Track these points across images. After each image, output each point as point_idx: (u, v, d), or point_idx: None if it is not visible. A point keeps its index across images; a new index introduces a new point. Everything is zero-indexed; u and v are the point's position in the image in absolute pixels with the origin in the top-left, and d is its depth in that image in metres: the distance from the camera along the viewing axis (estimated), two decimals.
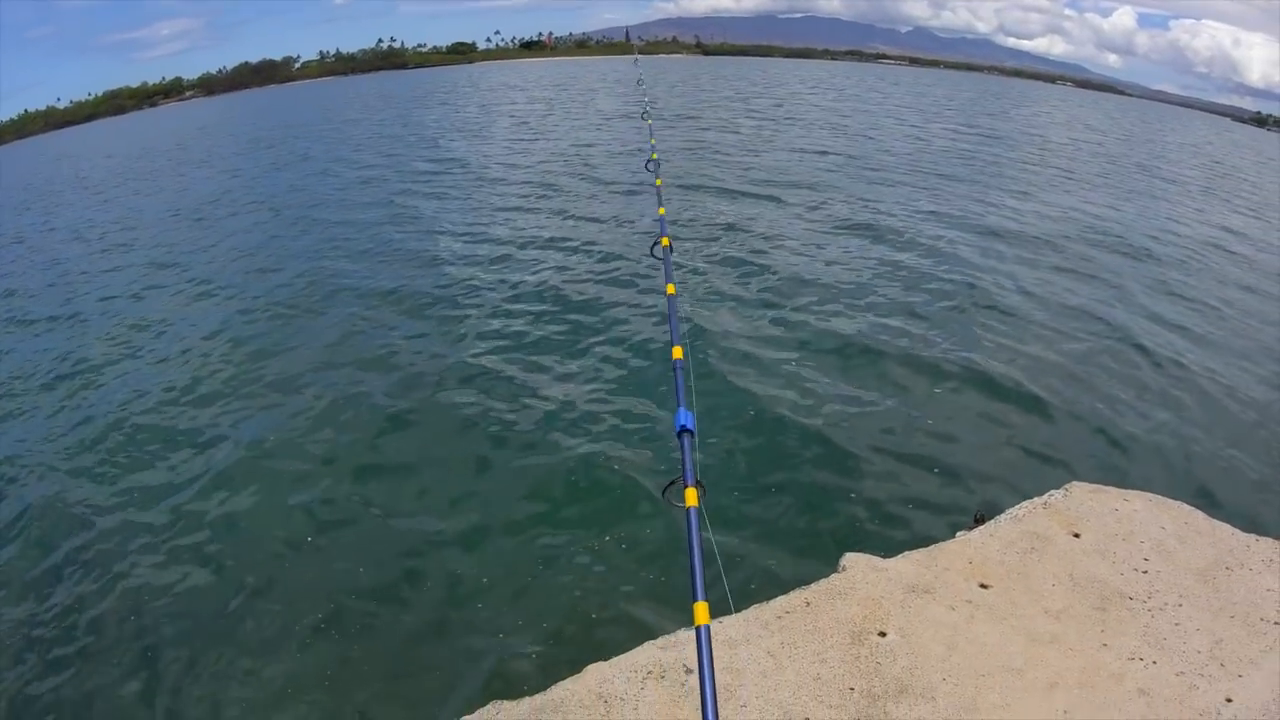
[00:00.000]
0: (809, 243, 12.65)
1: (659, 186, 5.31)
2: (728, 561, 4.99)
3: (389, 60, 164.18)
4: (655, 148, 6.25)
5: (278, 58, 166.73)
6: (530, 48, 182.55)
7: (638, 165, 19.17)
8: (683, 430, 2.39)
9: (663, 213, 4.74)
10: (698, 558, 2.00)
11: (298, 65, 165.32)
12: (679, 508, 2.17)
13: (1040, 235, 13.80)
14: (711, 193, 16.25)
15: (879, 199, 16.25)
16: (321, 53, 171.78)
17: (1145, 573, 3.56)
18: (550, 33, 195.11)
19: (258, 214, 17.72)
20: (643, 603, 4.76)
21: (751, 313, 9.46)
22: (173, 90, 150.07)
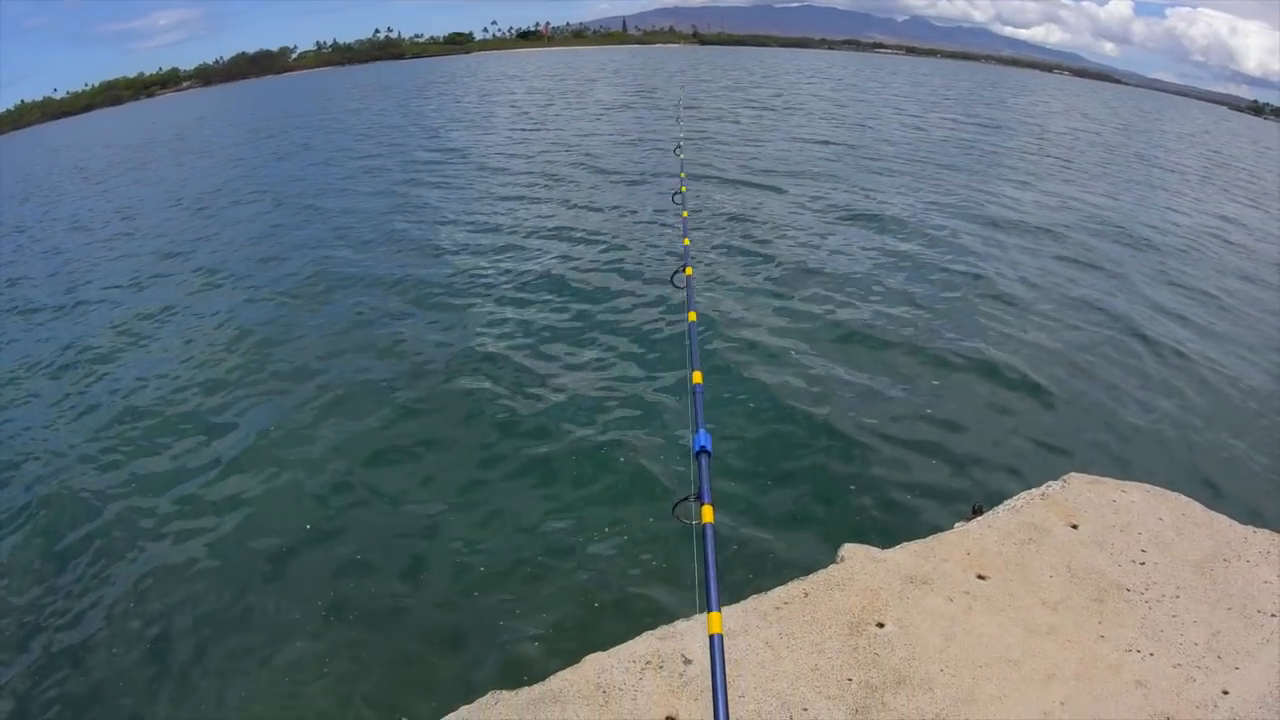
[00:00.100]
0: (811, 232, 12.66)
1: (685, 218, 5.34)
2: (726, 553, 5.01)
3: (386, 50, 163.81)
4: (684, 181, 6.28)
5: (274, 48, 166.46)
6: (527, 38, 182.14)
7: (641, 155, 19.21)
8: (701, 451, 2.47)
9: (688, 243, 4.79)
10: (712, 571, 2.04)
11: (294, 56, 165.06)
12: (690, 524, 2.24)
13: (1040, 224, 13.81)
14: (714, 183, 16.25)
15: (880, 189, 16.25)
16: (318, 43, 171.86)
17: (1143, 564, 3.57)
18: (547, 23, 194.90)
19: (260, 204, 17.66)
20: (642, 594, 4.77)
21: (754, 301, 9.48)
22: (169, 81, 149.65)
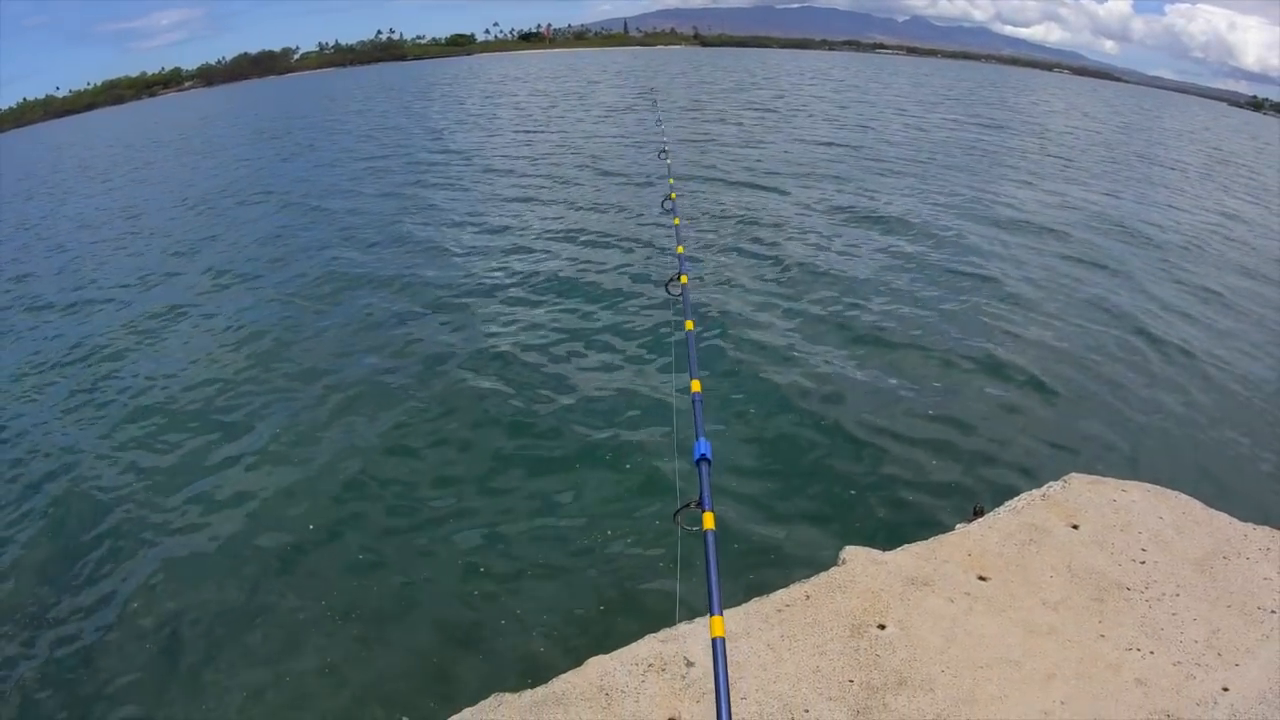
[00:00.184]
0: (816, 233, 12.71)
1: (677, 225, 5.36)
2: (729, 555, 5.03)
3: (388, 52, 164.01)
4: (674, 187, 6.30)
5: (276, 49, 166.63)
6: (529, 39, 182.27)
7: (646, 158, 19.17)
8: (701, 459, 2.52)
9: (681, 251, 4.81)
10: (714, 576, 2.08)
11: (296, 56, 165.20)
12: (692, 531, 2.29)
13: (1043, 223, 13.85)
14: (718, 184, 16.29)
15: (883, 189, 16.30)
16: (320, 44, 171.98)
17: (1143, 563, 3.58)
18: (549, 24, 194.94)
19: (266, 204, 17.71)
20: (644, 596, 4.79)
21: (759, 301, 9.52)
22: (172, 80, 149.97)
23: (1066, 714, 2.85)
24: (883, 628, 3.26)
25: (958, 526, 4.01)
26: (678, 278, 4.24)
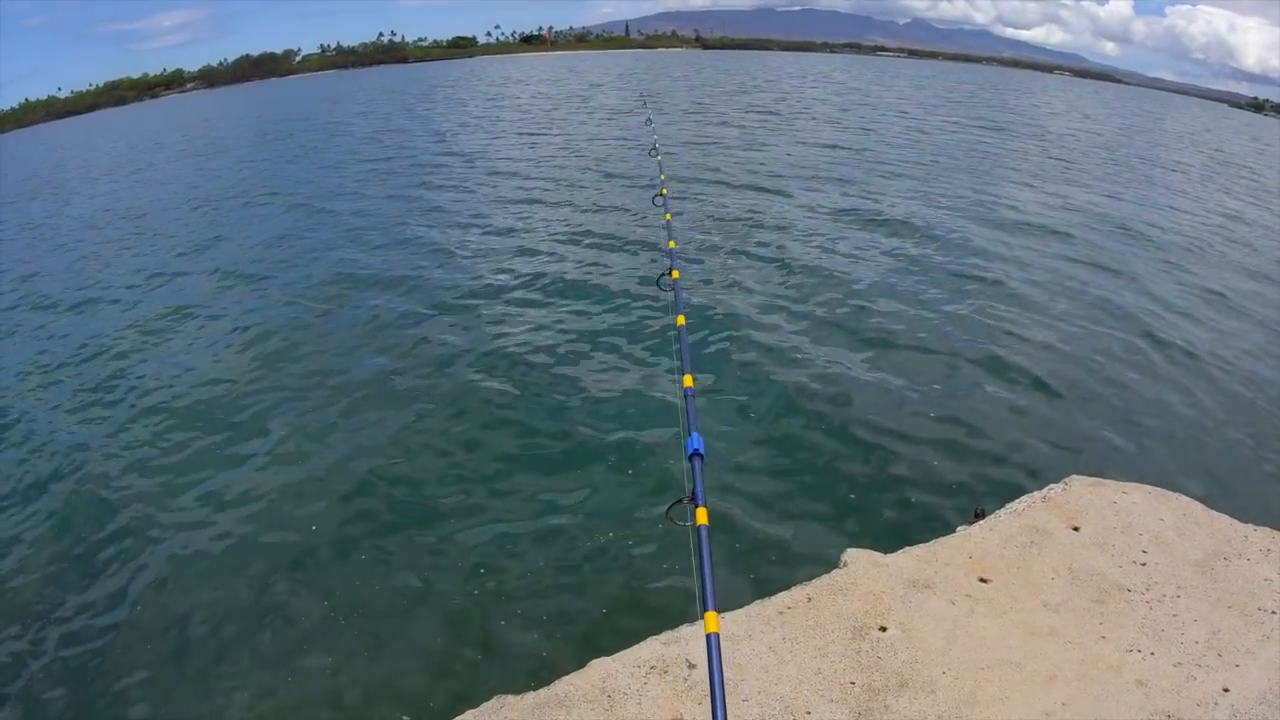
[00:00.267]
0: (818, 234, 12.76)
1: (668, 221, 5.38)
2: (731, 556, 5.04)
3: (389, 54, 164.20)
4: (665, 183, 6.32)
5: (278, 50, 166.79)
6: (530, 42, 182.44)
7: (650, 161, 19.17)
8: (694, 454, 2.51)
9: (673, 246, 4.83)
10: (708, 572, 2.08)
11: (298, 58, 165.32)
12: (685, 526, 2.29)
13: (1044, 225, 13.88)
14: (722, 187, 16.32)
15: (886, 191, 16.34)
16: (322, 46, 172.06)
17: (1144, 565, 3.59)
18: (550, 27, 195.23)
19: (271, 205, 17.73)
20: (646, 598, 4.79)
21: (762, 301, 9.55)
22: (174, 82, 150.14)
23: (1067, 715, 2.86)
24: (884, 630, 3.27)
25: (959, 529, 4.03)
26: (669, 273, 4.26)
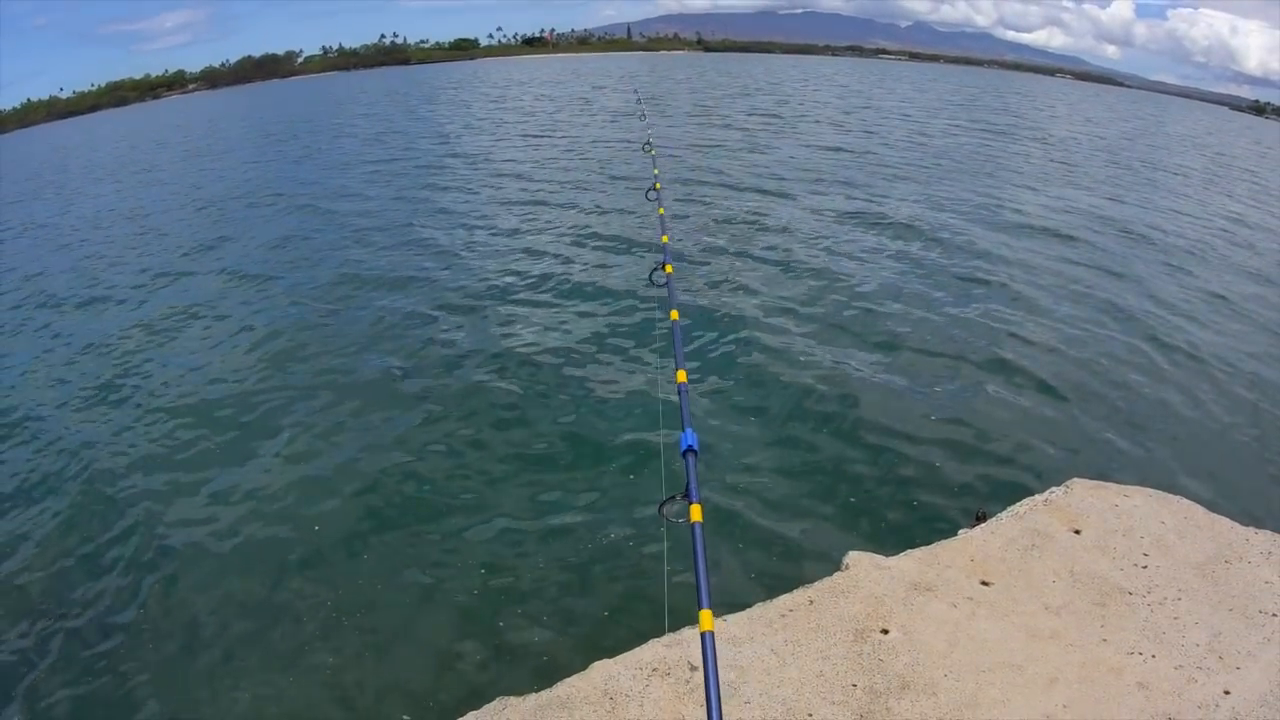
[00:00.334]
0: (823, 236, 12.81)
1: (662, 215, 5.38)
2: (732, 557, 5.05)
3: (392, 56, 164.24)
4: (658, 177, 6.33)
5: (280, 52, 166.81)
6: (532, 44, 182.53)
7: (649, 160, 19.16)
8: (688, 450, 2.48)
9: (666, 240, 4.83)
10: (703, 568, 2.06)
11: (300, 60, 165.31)
12: (677, 524, 2.26)
13: (1047, 227, 13.91)
14: (726, 189, 16.36)
15: (889, 194, 16.38)
16: (324, 47, 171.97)
17: (1145, 568, 3.60)
18: (552, 29, 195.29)
19: (276, 206, 17.75)
20: (648, 600, 4.79)
21: (766, 304, 9.59)
22: (175, 83, 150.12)
23: (1069, 717, 2.87)
24: (886, 632, 3.28)
25: (961, 531, 4.04)
26: (662, 267, 4.25)
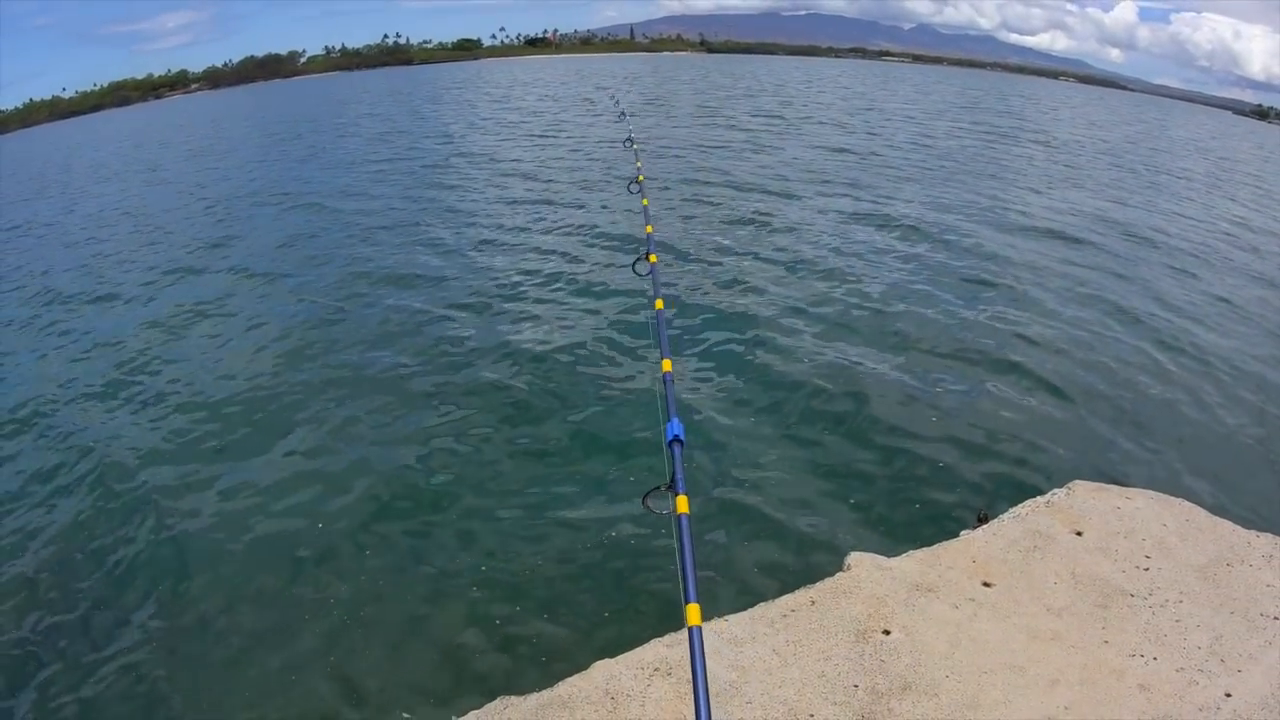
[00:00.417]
0: (828, 236, 12.84)
1: (646, 206, 5.38)
2: (732, 557, 5.04)
3: (394, 56, 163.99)
4: (641, 170, 6.35)
5: (283, 52, 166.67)
6: (535, 44, 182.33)
7: (657, 163, 19.23)
8: (674, 440, 2.46)
9: (650, 230, 4.84)
10: (689, 562, 2.04)
11: (303, 60, 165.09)
12: (661, 514, 2.27)
13: (1053, 229, 13.91)
14: (729, 189, 16.36)
15: (894, 195, 16.39)
16: (327, 48, 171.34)
17: (1146, 570, 3.60)
18: (555, 30, 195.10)
19: (283, 205, 17.73)
20: (650, 599, 4.79)
21: (768, 302, 9.60)
22: (178, 83, 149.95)
23: (1070, 719, 2.87)
24: (887, 633, 3.28)
25: (962, 533, 4.04)
26: (646, 257, 4.23)
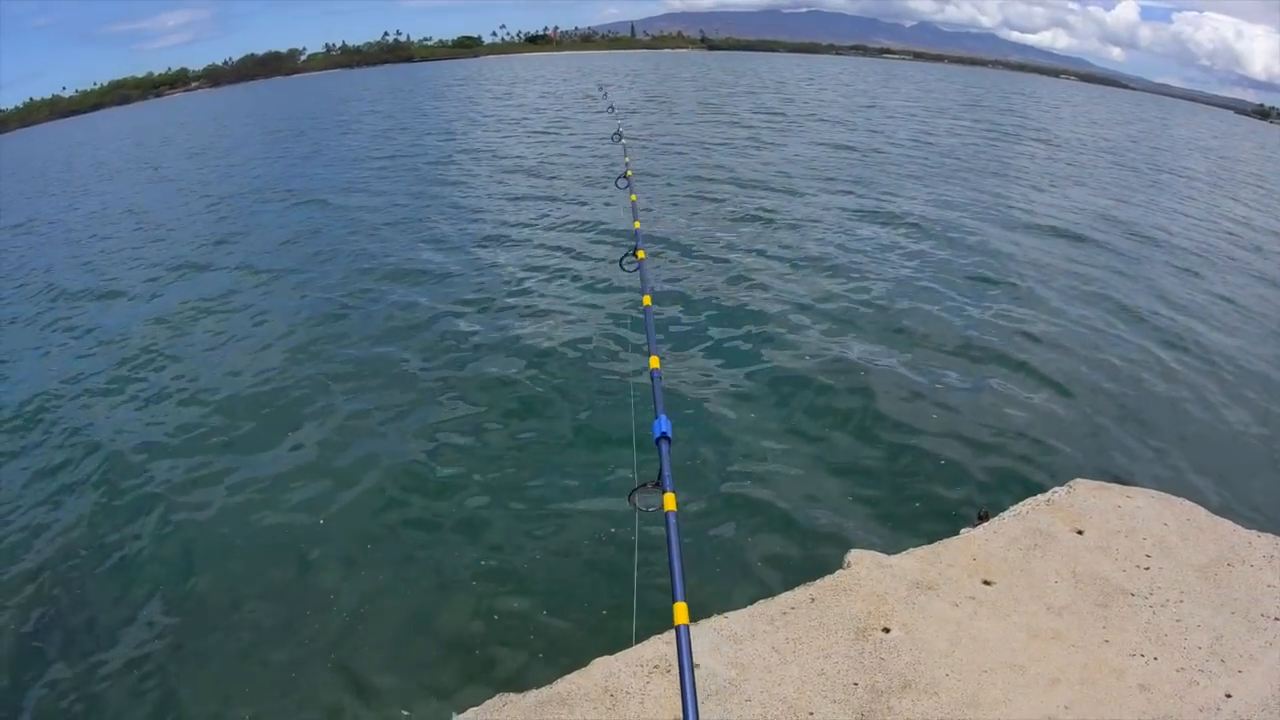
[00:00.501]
0: (832, 233, 12.86)
1: (634, 202, 5.37)
2: (733, 555, 5.04)
3: (395, 53, 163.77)
4: (630, 165, 6.34)
5: (283, 50, 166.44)
6: (535, 42, 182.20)
7: (658, 162, 19.24)
8: (661, 437, 2.47)
9: (638, 226, 4.82)
10: (677, 560, 2.03)
11: (303, 57, 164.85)
12: (647, 512, 2.27)
13: (1056, 227, 13.92)
14: (731, 186, 16.37)
15: (896, 192, 16.40)
16: (327, 45, 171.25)
17: (1147, 569, 3.59)
18: (555, 27, 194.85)
19: (287, 202, 17.71)
20: (650, 597, 4.76)
21: (771, 299, 9.59)
22: (178, 81, 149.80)
23: (1070, 718, 2.86)
24: (887, 631, 3.28)
25: (963, 531, 4.03)
26: (633, 253, 4.21)
